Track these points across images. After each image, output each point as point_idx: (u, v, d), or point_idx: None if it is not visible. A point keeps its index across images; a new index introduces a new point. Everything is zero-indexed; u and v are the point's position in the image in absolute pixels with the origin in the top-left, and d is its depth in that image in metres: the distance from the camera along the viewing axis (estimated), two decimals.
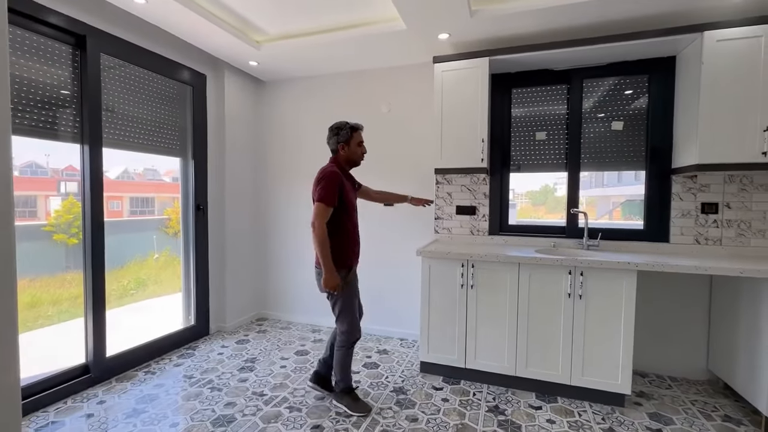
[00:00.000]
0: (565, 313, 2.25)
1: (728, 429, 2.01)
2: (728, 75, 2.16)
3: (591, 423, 2.05)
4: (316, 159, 3.50)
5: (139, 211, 3.52)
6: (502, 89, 2.92)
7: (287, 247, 3.68)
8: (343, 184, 2.07)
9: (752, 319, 2.10)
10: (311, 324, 3.59)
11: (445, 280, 2.50)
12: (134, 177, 3.39)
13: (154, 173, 3.40)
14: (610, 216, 3.24)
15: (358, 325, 2.16)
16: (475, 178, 3.02)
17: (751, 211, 2.42)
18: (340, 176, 2.06)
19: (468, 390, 2.40)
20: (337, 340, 2.18)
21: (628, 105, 2.70)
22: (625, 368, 2.15)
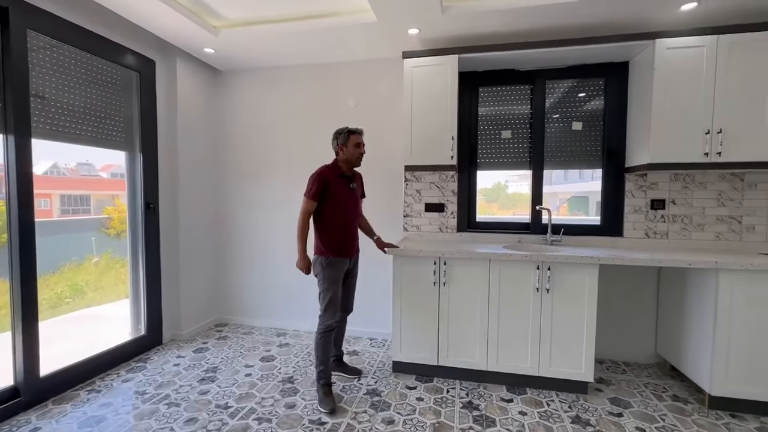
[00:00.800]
0: (534, 306, 2.32)
1: (677, 408, 2.18)
2: (676, 81, 2.33)
3: (559, 412, 2.13)
4: (280, 154, 3.35)
5: (72, 210, 3.16)
6: (470, 87, 2.95)
7: (250, 248, 3.48)
8: (329, 181, 2.24)
9: (696, 305, 2.29)
10: (276, 328, 3.43)
11: (417, 278, 2.48)
12: (65, 173, 3.03)
13: (89, 168, 3.06)
14: (557, 212, 3.41)
15: (333, 312, 2.26)
16: (443, 175, 3.03)
17: (693, 207, 2.65)
18: (325, 174, 2.25)
19: (441, 387, 2.40)
20: (317, 329, 2.29)
21: (587, 107, 2.84)
22: (588, 357, 2.26)
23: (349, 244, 2.34)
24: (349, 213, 2.33)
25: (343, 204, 2.30)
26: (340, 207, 2.28)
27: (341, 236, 2.29)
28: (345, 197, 2.30)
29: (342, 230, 2.30)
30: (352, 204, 2.36)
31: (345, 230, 2.31)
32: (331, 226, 2.28)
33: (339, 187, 2.28)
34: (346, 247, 2.31)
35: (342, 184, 2.30)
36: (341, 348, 2.61)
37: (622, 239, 2.75)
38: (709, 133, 2.29)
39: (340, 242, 2.29)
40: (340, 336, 2.58)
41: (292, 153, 3.32)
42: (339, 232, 2.29)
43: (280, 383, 2.44)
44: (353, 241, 2.38)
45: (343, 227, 2.30)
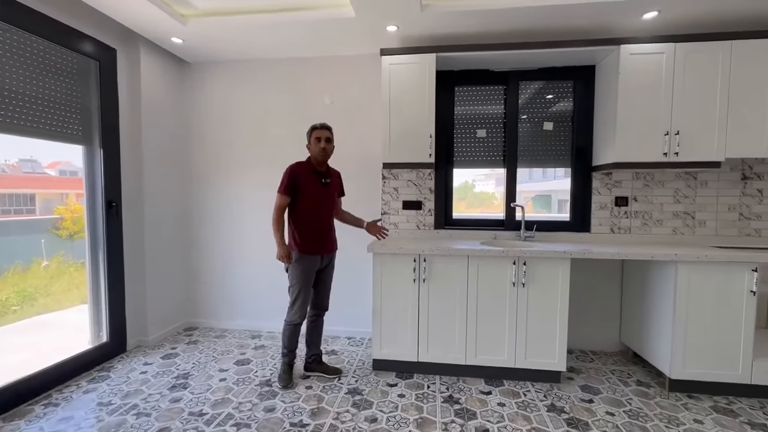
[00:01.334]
0: (510, 300, 2.39)
1: (641, 392, 2.33)
2: (639, 85, 2.48)
3: (535, 401, 2.21)
4: (252, 151, 3.24)
5: (13, 210, 2.90)
6: (446, 87, 2.99)
7: (220, 248, 3.35)
8: (300, 177, 2.29)
9: (656, 296, 2.45)
10: (250, 330, 3.32)
11: (397, 275, 2.48)
12: (5, 170, 2.78)
13: (34, 165, 2.81)
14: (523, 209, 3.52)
15: (300, 308, 2.32)
16: (421, 173, 3.05)
17: (652, 204, 2.83)
18: (296, 170, 2.31)
19: (422, 383, 2.42)
20: (285, 318, 2.39)
21: (558, 108, 2.95)
22: (561, 348, 2.36)
23: (322, 241, 2.36)
24: (322, 209, 2.36)
25: (316, 200, 2.33)
26: (313, 203, 2.32)
27: (313, 232, 2.32)
28: (317, 193, 2.33)
29: (314, 226, 2.32)
30: (326, 200, 2.38)
31: (317, 226, 2.34)
32: (303, 221, 2.31)
33: (311, 182, 2.31)
34: (318, 244, 2.34)
35: (314, 180, 2.33)
36: (319, 347, 2.56)
37: (589, 234, 2.89)
38: (668, 135, 2.46)
39: (312, 238, 2.32)
40: (318, 335, 2.54)
41: (266, 150, 3.22)
42: (311, 228, 2.32)
43: (257, 387, 2.36)
44: (327, 238, 2.38)
45: (315, 223, 2.33)
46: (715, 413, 2.10)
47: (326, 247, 2.39)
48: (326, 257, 2.41)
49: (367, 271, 3.08)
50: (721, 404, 2.19)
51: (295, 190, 2.29)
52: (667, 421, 2.02)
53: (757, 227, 2.73)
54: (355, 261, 3.09)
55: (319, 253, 2.35)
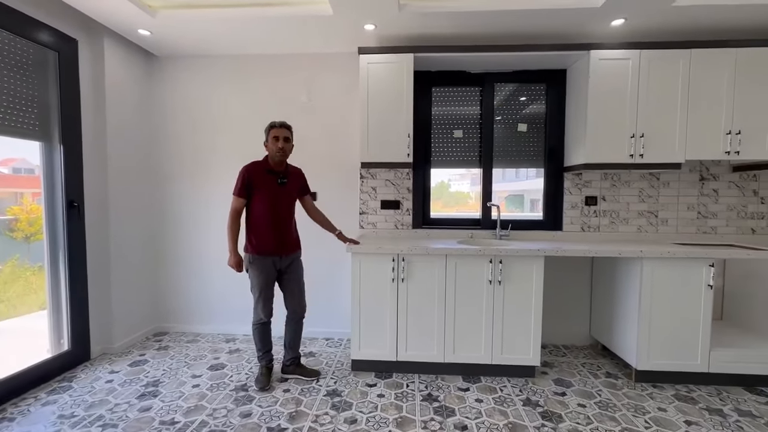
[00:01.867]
0: (487, 298, 2.44)
1: (610, 383, 2.43)
2: (607, 89, 2.58)
3: (512, 396, 2.26)
4: (225, 150, 3.15)
5: None
6: (424, 87, 3.01)
7: (191, 249, 3.23)
8: (254, 178, 2.25)
9: (623, 291, 2.56)
10: (224, 333, 3.22)
11: (376, 275, 2.47)
12: None
13: None
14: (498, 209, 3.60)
15: (262, 307, 2.33)
16: (399, 173, 3.05)
17: (619, 203, 2.96)
18: (249, 170, 2.27)
19: (401, 382, 2.42)
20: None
21: (531, 110, 3.04)
22: (536, 343, 2.43)
23: (278, 242, 2.30)
24: (278, 210, 2.30)
25: (272, 200, 2.27)
26: (268, 204, 2.26)
27: (268, 234, 2.28)
28: (273, 194, 2.28)
29: (269, 228, 2.27)
30: (283, 201, 2.32)
31: (272, 228, 2.28)
32: (258, 223, 2.28)
33: (266, 183, 2.26)
34: (273, 245, 2.29)
35: (270, 180, 2.28)
36: (298, 350, 2.52)
37: (561, 233, 2.98)
38: (634, 137, 2.57)
39: (267, 240, 2.28)
40: (296, 338, 2.49)
41: (240, 149, 3.12)
42: (265, 230, 2.27)
43: (232, 392, 2.29)
44: (284, 239, 2.33)
45: (270, 224, 2.27)
46: (677, 401, 2.22)
47: (284, 249, 2.33)
48: (286, 258, 2.36)
49: (346, 271, 3.06)
50: (682, 392, 2.32)
51: (250, 190, 2.25)
52: (634, 410, 2.12)
53: (713, 225, 2.91)
54: (333, 261, 3.07)
55: (275, 254, 2.30)
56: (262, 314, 2.34)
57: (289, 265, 2.38)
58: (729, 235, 2.89)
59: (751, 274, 2.66)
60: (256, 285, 2.30)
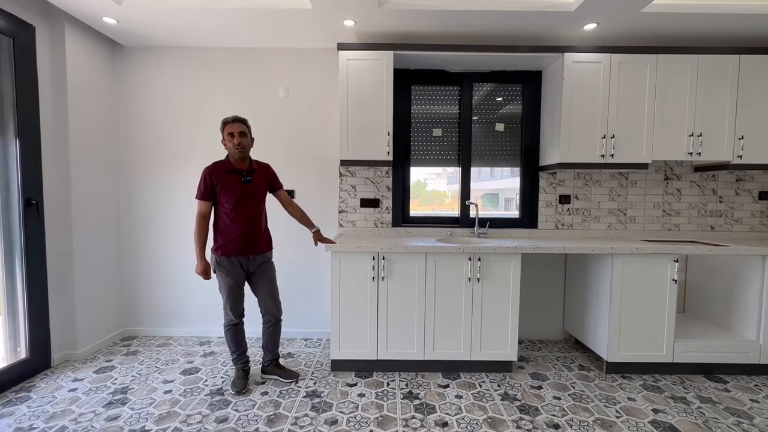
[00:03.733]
0: (466, 295, 2.46)
1: (583, 375, 2.52)
2: (580, 91, 2.66)
3: (490, 391, 2.30)
4: (197, 147, 3.03)
5: None
6: (403, 85, 3.00)
7: (163, 250, 3.10)
8: (216, 178, 2.17)
9: (595, 286, 2.66)
10: (198, 336, 3.11)
11: (356, 273, 2.45)
12: None
13: None
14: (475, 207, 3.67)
15: (231, 308, 2.27)
16: (378, 171, 3.04)
17: (591, 202, 3.07)
18: (210, 171, 2.18)
19: (381, 381, 2.42)
20: None
21: (508, 110, 3.09)
22: (513, 339, 2.48)
23: (245, 242, 2.23)
24: (244, 210, 2.22)
25: (237, 200, 2.19)
26: (233, 203, 2.18)
27: (234, 234, 2.20)
28: (237, 193, 2.19)
29: (234, 228, 2.20)
30: (248, 199, 2.23)
31: (237, 228, 2.21)
32: (223, 223, 2.21)
33: (229, 182, 2.19)
34: (240, 246, 2.22)
35: (233, 179, 2.20)
36: (276, 352, 2.47)
37: (537, 230, 3.06)
38: (605, 138, 2.67)
39: (233, 240, 2.20)
40: (274, 340, 2.43)
41: (212, 146, 3.00)
42: (230, 230, 2.20)
43: (207, 396, 2.22)
44: (252, 239, 2.25)
45: (235, 224, 2.20)
46: (645, 390, 2.33)
47: (252, 248, 2.25)
48: (255, 259, 2.28)
49: (325, 270, 3.02)
50: (649, 382, 2.43)
51: (214, 192, 2.18)
52: (605, 400, 2.21)
53: (677, 222, 3.06)
54: (312, 260, 3.02)
55: (242, 255, 2.23)
56: (232, 315, 2.28)
57: (258, 266, 2.30)
58: (691, 232, 3.05)
59: (711, 269, 2.83)
60: (224, 286, 2.24)
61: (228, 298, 2.24)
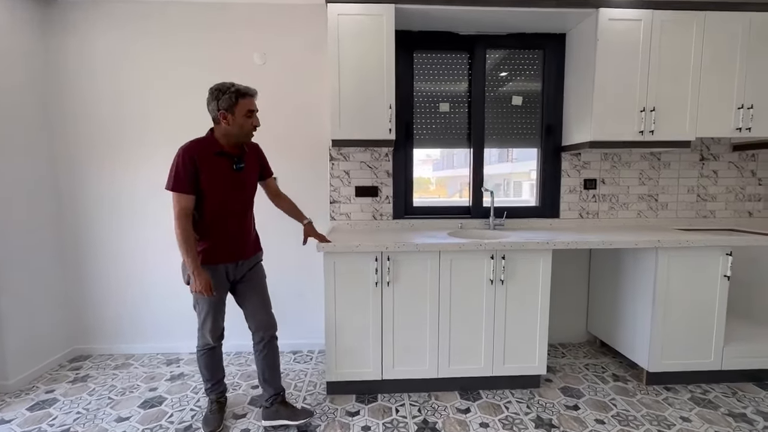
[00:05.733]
0: (487, 301, 2.06)
1: (621, 388, 2.17)
2: (617, 55, 2.25)
3: (520, 415, 1.92)
4: (153, 127, 2.49)
5: None
6: (404, 50, 2.52)
7: (118, 252, 2.57)
8: (200, 163, 1.62)
9: (629, 284, 2.30)
10: (164, 353, 2.63)
11: (355, 278, 2.01)
12: None
13: None
14: (459, 194, 3.29)
15: (210, 328, 1.78)
16: (376, 153, 2.58)
17: (619, 186, 2.69)
18: (192, 153, 1.62)
19: (388, 406, 2.01)
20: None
21: (527, 80, 2.65)
22: (542, 349, 2.10)
23: (235, 246, 1.76)
24: (234, 204, 1.73)
25: (226, 193, 1.68)
26: (221, 197, 1.67)
27: (221, 236, 1.71)
28: (227, 184, 1.69)
29: (223, 228, 1.71)
30: (239, 191, 1.75)
31: (228, 228, 1.73)
32: (206, 222, 1.68)
33: (217, 169, 1.66)
34: (228, 251, 1.74)
35: (222, 166, 1.67)
36: (280, 383, 1.91)
37: (559, 220, 2.68)
38: (644, 111, 2.27)
39: (220, 244, 1.71)
40: (273, 367, 1.88)
41: (172, 125, 2.49)
42: (218, 232, 1.70)
43: None
44: (240, 241, 1.78)
45: (224, 224, 1.71)
46: (697, 406, 1.99)
47: (240, 253, 1.78)
48: (244, 264, 1.80)
49: (315, 269, 2.56)
50: (697, 394, 2.10)
51: (197, 181, 1.62)
52: (657, 422, 1.86)
53: (712, 208, 2.73)
54: (300, 256, 2.56)
55: (227, 261, 1.74)
56: (210, 337, 1.79)
57: (247, 272, 1.83)
58: (727, 218, 2.73)
59: (754, 262, 2.50)
60: (204, 302, 1.73)
61: (207, 316, 1.75)
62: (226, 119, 1.63)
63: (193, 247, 1.61)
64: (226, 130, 1.66)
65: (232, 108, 1.62)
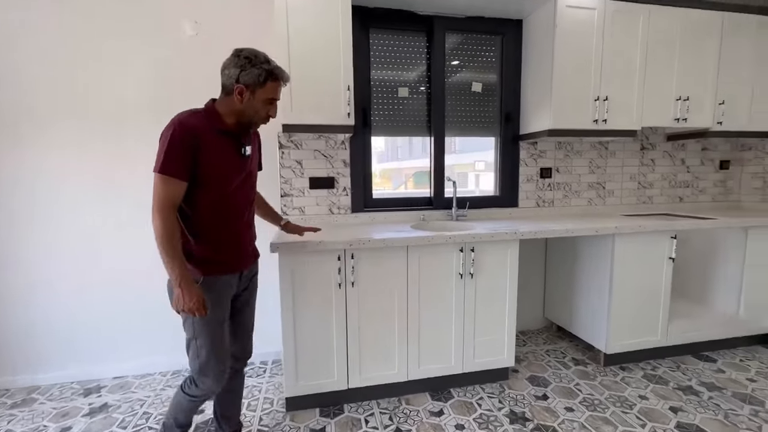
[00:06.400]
0: (457, 295, 1.97)
1: (582, 372, 2.22)
2: (574, 43, 2.25)
3: (494, 411, 1.87)
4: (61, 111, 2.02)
5: None
6: (360, 27, 2.31)
7: (14, 259, 2.07)
8: (202, 143, 1.24)
9: (586, 270, 2.35)
10: (81, 381, 2.19)
11: (315, 279, 1.80)
12: None
13: None
14: (404, 186, 3.24)
15: (216, 370, 1.35)
16: (331, 141, 2.35)
17: (572, 175, 2.75)
18: (190, 128, 1.23)
19: (357, 418, 1.83)
20: (183, 382, 1.41)
21: (487, 67, 2.59)
22: (510, 341, 2.07)
23: (242, 249, 1.43)
24: (239, 197, 1.38)
25: (230, 183, 1.33)
26: (224, 189, 1.31)
27: (227, 239, 1.36)
28: (232, 171, 1.34)
29: (229, 228, 1.36)
30: (246, 182, 1.42)
31: (234, 228, 1.38)
32: (203, 219, 1.30)
33: (221, 152, 1.30)
34: (234, 256, 1.40)
35: (227, 148, 1.32)
36: (239, 416, 1.66)
37: (517, 209, 2.67)
38: (598, 100, 2.32)
39: (225, 249, 1.36)
40: (237, 401, 1.63)
41: (84, 108, 2.05)
42: (223, 233, 1.35)
43: None
44: (248, 244, 1.47)
45: (224, 222, 1.35)
46: (650, 383, 2.10)
47: (245, 261, 1.45)
48: (246, 274, 1.48)
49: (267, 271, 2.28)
50: (648, 371, 2.22)
51: (196, 166, 1.24)
52: (620, 404, 1.91)
53: (650, 195, 2.91)
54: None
55: (237, 270, 1.41)
56: (214, 384, 1.36)
57: (248, 285, 1.51)
58: (663, 204, 2.93)
59: (685, 243, 2.70)
60: (205, 330, 1.31)
61: (211, 354, 1.33)
62: (242, 96, 1.29)
63: (179, 250, 1.23)
64: (236, 109, 1.31)
65: (255, 86, 1.29)
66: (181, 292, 1.21)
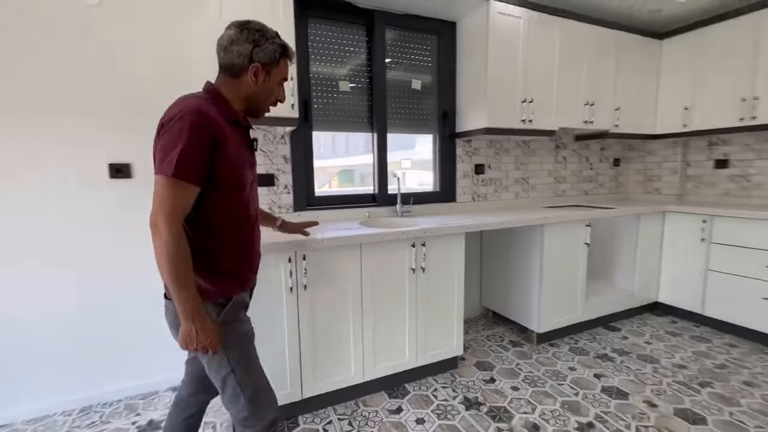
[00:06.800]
0: (410, 291, 1.98)
1: (520, 353, 2.41)
2: (504, 47, 2.41)
3: (449, 401, 1.92)
4: None
5: None
6: (298, 15, 2.17)
7: None
8: (221, 140, 1.00)
9: (519, 258, 2.56)
10: (37, 418, 1.70)
11: (265, 286, 1.64)
12: None
13: None
14: (329, 185, 3.25)
15: (266, 395, 1.14)
16: (270, 135, 2.18)
17: (501, 171, 2.97)
18: (207, 119, 0.97)
19: (314, 429, 1.73)
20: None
21: (425, 65, 2.64)
22: (459, 330, 2.15)
23: (255, 261, 1.22)
24: (252, 200, 1.18)
25: (247, 185, 1.12)
26: (243, 192, 1.11)
27: (246, 249, 1.15)
28: (248, 169, 1.13)
29: (245, 236, 1.14)
30: (255, 181, 1.22)
31: (251, 235, 1.17)
32: (225, 231, 1.08)
33: (238, 146, 1.07)
34: (251, 270, 1.19)
35: (242, 142, 1.11)
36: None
37: (456, 204, 2.79)
38: (525, 102, 2.52)
39: (244, 260, 1.15)
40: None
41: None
42: (241, 242, 1.13)
43: None
44: (258, 258, 1.24)
45: (246, 230, 1.14)
46: (576, 355, 2.36)
47: (255, 275, 1.24)
48: (251, 293, 1.29)
49: None
50: (572, 345, 2.50)
51: (212, 165, 0.99)
52: (555, 377, 2.11)
53: (563, 189, 3.28)
54: None
55: (251, 285, 1.22)
56: (268, 410, 1.13)
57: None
58: (573, 197, 3.32)
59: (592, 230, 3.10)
60: (244, 352, 1.12)
61: (257, 378, 1.13)
62: (257, 77, 1.08)
63: (192, 272, 0.97)
64: (247, 93, 1.10)
65: (271, 65, 1.10)
66: (195, 328, 0.97)
